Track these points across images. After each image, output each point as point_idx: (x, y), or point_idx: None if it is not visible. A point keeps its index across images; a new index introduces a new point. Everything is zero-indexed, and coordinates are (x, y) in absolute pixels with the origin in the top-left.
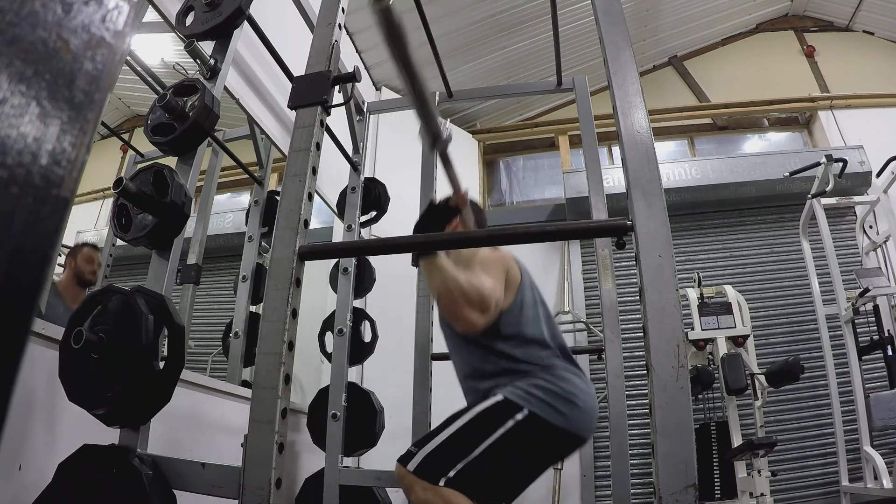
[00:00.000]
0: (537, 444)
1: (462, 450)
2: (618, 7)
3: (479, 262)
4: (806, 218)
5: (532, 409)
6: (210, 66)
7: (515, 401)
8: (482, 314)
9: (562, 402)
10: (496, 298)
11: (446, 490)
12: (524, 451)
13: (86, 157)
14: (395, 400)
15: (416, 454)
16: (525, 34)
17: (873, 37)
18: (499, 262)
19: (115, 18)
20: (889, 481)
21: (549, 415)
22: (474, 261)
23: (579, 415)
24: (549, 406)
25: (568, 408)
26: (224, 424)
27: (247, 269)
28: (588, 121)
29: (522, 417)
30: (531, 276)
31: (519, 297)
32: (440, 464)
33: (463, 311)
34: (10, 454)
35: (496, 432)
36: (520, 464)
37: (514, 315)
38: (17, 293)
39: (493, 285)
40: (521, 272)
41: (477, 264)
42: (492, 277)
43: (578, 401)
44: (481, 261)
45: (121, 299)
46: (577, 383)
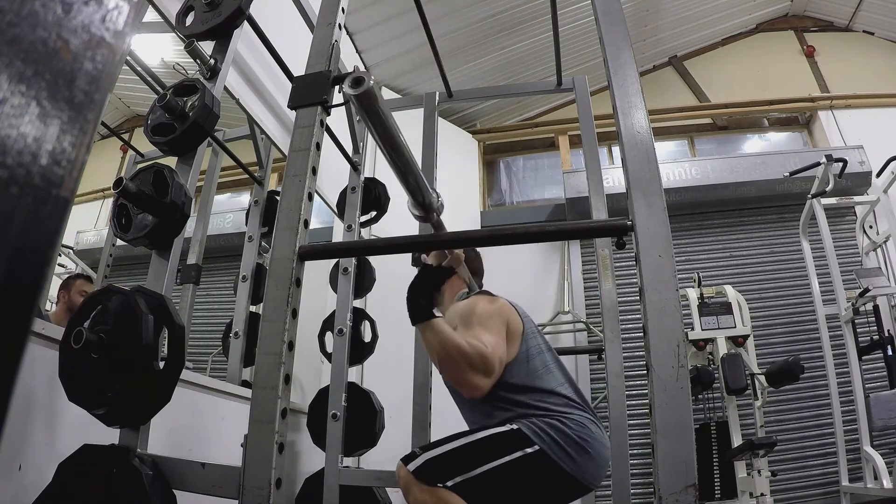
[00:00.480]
0: (539, 483)
1: (465, 464)
2: (618, 7)
3: (478, 318)
4: (806, 218)
5: (543, 448)
6: (210, 66)
7: (529, 435)
8: (487, 377)
9: (575, 447)
10: (499, 356)
11: (443, 491)
12: (524, 484)
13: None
14: (395, 400)
15: (419, 456)
16: (525, 34)
17: (873, 37)
18: (497, 315)
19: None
20: (889, 481)
21: (560, 457)
22: (472, 318)
23: (589, 462)
24: (561, 449)
25: (579, 454)
26: (224, 424)
27: (247, 269)
28: (588, 121)
29: (532, 452)
30: (533, 322)
31: (524, 347)
32: (441, 471)
33: (466, 376)
34: (10, 454)
35: (502, 458)
36: (516, 496)
37: (521, 366)
38: (17, 293)
39: (496, 342)
40: (523, 319)
41: (475, 322)
42: (493, 334)
43: (591, 449)
44: (479, 317)
45: (121, 299)
46: (592, 431)
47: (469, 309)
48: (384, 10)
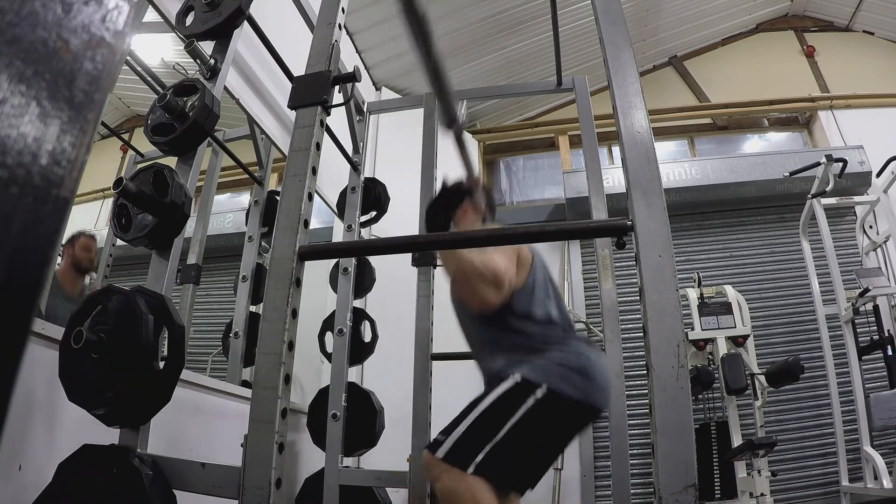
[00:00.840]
0: (557, 419)
1: (487, 433)
2: (618, 7)
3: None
4: (806, 218)
5: (550, 386)
6: (210, 66)
7: (533, 379)
8: (497, 291)
9: (577, 375)
10: (509, 277)
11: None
12: (546, 427)
13: (86, 157)
14: (395, 400)
15: (445, 441)
16: (525, 34)
17: (873, 37)
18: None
19: (115, 18)
20: (889, 481)
21: (567, 389)
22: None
23: (595, 387)
24: (566, 381)
25: (584, 381)
26: (224, 424)
27: (247, 269)
28: (588, 121)
29: (542, 395)
30: (542, 257)
31: (531, 278)
32: (469, 449)
33: (480, 289)
34: (10, 454)
35: (518, 412)
36: (543, 441)
37: (526, 294)
38: (17, 293)
39: (506, 264)
40: (533, 253)
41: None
42: (503, 257)
43: (593, 373)
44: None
45: (121, 299)
46: (590, 356)
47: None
48: (384, 10)
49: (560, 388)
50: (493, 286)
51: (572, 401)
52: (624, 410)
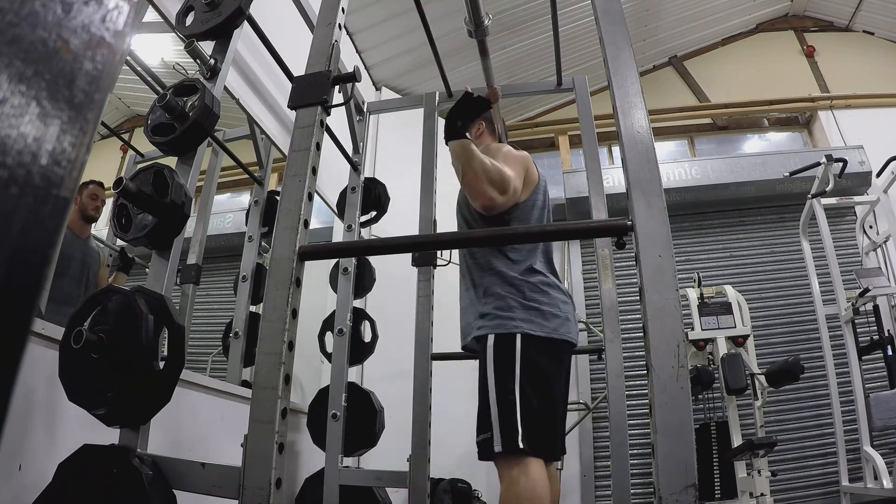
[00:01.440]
0: (542, 356)
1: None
2: (618, 7)
3: (503, 155)
4: (806, 218)
5: (521, 331)
6: (210, 66)
7: (505, 332)
8: (500, 193)
9: (542, 316)
10: (514, 185)
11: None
12: (539, 368)
13: (86, 157)
14: (395, 400)
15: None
16: (525, 34)
17: (873, 37)
18: (520, 160)
19: (115, 18)
20: (889, 481)
21: (537, 329)
22: (498, 154)
23: (562, 323)
24: (533, 322)
25: (549, 320)
26: (224, 424)
27: (247, 269)
28: (588, 121)
29: (520, 341)
30: (546, 181)
31: (533, 197)
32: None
33: (484, 186)
34: (10, 454)
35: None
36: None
37: (525, 212)
38: (17, 293)
39: (513, 174)
40: (539, 174)
41: (500, 157)
42: (512, 168)
43: (558, 311)
44: (504, 154)
45: (121, 299)
46: (553, 296)
47: (496, 148)
48: (384, 10)
49: (530, 330)
50: (497, 187)
51: (545, 339)
52: (624, 410)
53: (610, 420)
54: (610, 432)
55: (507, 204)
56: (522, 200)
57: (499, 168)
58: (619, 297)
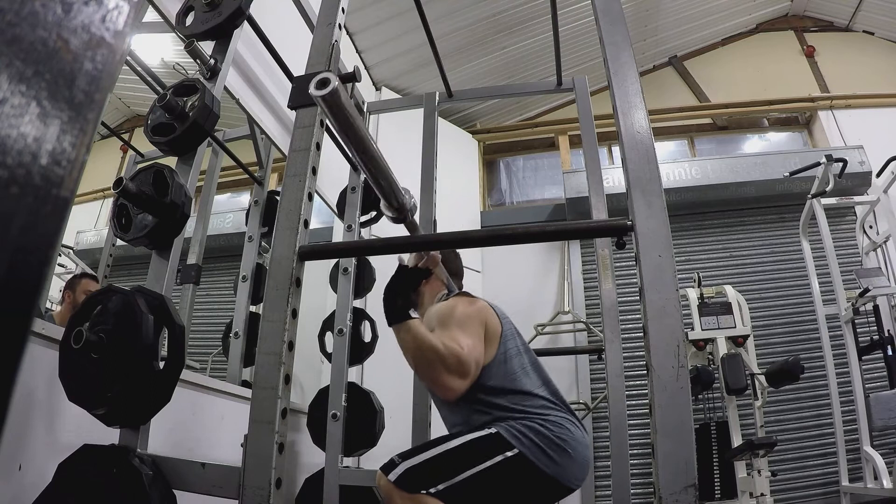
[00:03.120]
0: (520, 486)
1: (446, 471)
2: (618, 7)
3: (456, 320)
4: (806, 218)
5: (522, 451)
6: (210, 66)
7: (508, 438)
8: (462, 379)
9: (555, 448)
10: (475, 358)
11: (425, 498)
12: (505, 489)
13: (86, 157)
14: (395, 400)
15: (399, 465)
16: (525, 34)
17: (873, 37)
18: (475, 317)
19: (115, 18)
20: (889, 481)
21: (539, 460)
22: (450, 319)
23: (570, 464)
24: (541, 451)
25: (560, 455)
26: (224, 424)
27: (247, 269)
28: (588, 121)
29: (512, 455)
30: (512, 324)
31: (501, 349)
32: (421, 479)
33: (441, 377)
34: (10, 454)
35: (483, 463)
36: (498, 500)
37: (498, 368)
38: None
39: (472, 344)
40: (501, 321)
41: (453, 324)
42: (470, 336)
43: (571, 449)
44: (457, 318)
45: (121, 299)
46: (572, 431)
47: (447, 310)
48: (384, 10)
49: (532, 458)
50: (456, 372)
51: (541, 474)
52: (624, 410)
53: (610, 420)
54: (610, 432)
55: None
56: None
57: (453, 350)
58: (619, 297)
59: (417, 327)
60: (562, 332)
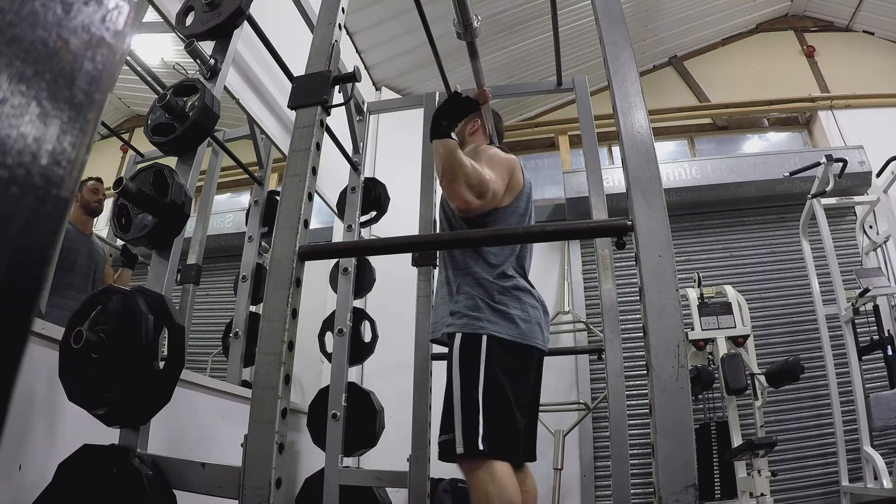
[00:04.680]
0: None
1: (474, 407)
2: (618, 7)
3: (488, 158)
4: (806, 218)
5: (487, 332)
6: (210, 66)
7: (472, 332)
8: (477, 197)
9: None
10: (494, 189)
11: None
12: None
13: (86, 157)
14: (395, 400)
15: (456, 438)
16: (525, 34)
17: (873, 37)
18: (505, 163)
19: (115, 18)
20: (889, 481)
21: (503, 331)
22: (483, 155)
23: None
24: (500, 325)
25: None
26: (224, 424)
27: (247, 269)
28: (588, 121)
29: (485, 342)
30: (531, 188)
31: (515, 203)
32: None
33: (461, 188)
34: (10, 454)
35: (479, 370)
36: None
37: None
38: (17, 293)
39: (495, 178)
40: (525, 180)
41: (484, 159)
42: (494, 172)
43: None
44: (489, 157)
45: (121, 299)
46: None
47: (483, 150)
48: (384, 10)
49: (496, 332)
50: (475, 190)
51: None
52: (624, 410)
53: (610, 420)
54: (610, 432)
55: (485, 207)
56: (504, 205)
57: (478, 171)
58: (619, 297)
59: (454, 145)
60: (562, 332)
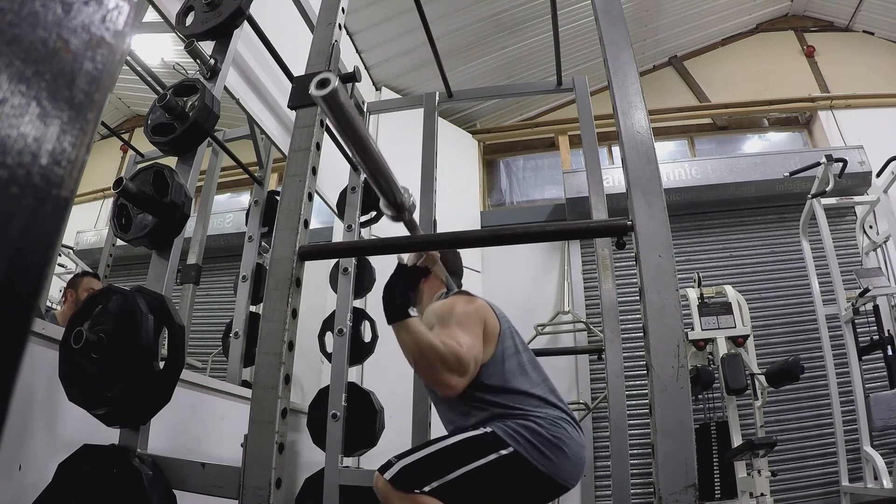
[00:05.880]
0: (515, 484)
1: (441, 469)
2: (618, 7)
3: (455, 318)
4: (806, 218)
5: (517, 449)
6: (210, 66)
7: (503, 437)
8: (461, 376)
9: (549, 446)
10: (474, 356)
11: (422, 497)
12: (500, 486)
13: (86, 157)
14: (395, 400)
15: (395, 464)
16: (525, 34)
17: (873, 37)
18: (474, 315)
19: (115, 18)
20: (889, 481)
21: (534, 457)
22: (449, 318)
23: (565, 462)
24: (536, 449)
25: (554, 453)
26: (224, 424)
27: (247, 269)
28: (588, 121)
29: (507, 454)
30: (510, 322)
31: (499, 348)
32: (417, 477)
33: (441, 375)
34: (10, 454)
35: (478, 461)
36: (493, 498)
37: (496, 366)
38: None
39: (471, 342)
40: (500, 320)
41: (452, 322)
42: (469, 334)
43: (566, 447)
44: (456, 317)
45: (121, 299)
46: (568, 430)
47: (446, 309)
48: (384, 10)
49: (527, 456)
50: (456, 370)
51: (536, 472)
52: (624, 410)
53: (610, 420)
54: (610, 432)
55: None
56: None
57: (452, 348)
58: (619, 297)
59: (417, 325)
60: (562, 332)
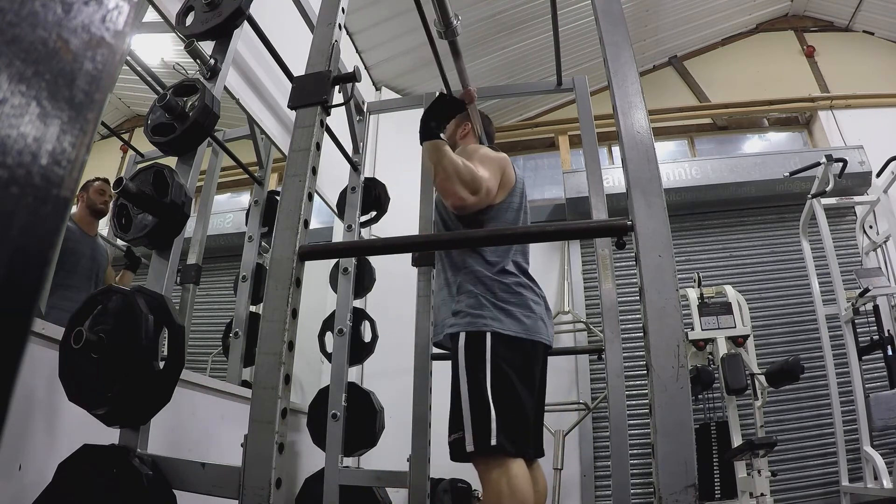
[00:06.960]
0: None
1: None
2: (618, 7)
3: (479, 156)
4: (806, 218)
5: (491, 329)
6: (210, 66)
7: (475, 330)
8: (472, 193)
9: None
10: (487, 186)
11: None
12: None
13: (86, 157)
14: (395, 400)
15: (466, 436)
16: (525, 34)
17: (873, 37)
18: (496, 161)
19: (115, 18)
20: (889, 481)
21: (507, 328)
22: (474, 154)
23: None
24: (503, 321)
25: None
26: (224, 424)
27: (247, 269)
28: (588, 121)
29: (490, 340)
30: (525, 187)
31: (509, 199)
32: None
33: (454, 186)
34: (10, 454)
35: (486, 367)
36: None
37: (500, 213)
38: (17, 293)
39: (488, 176)
40: (517, 176)
41: (476, 158)
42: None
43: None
44: (480, 156)
45: (121, 299)
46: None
47: (473, 149)
48: (384, 10)
49: (500, 329)
50: (469, 187)
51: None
52: (624, 410)
53: (610, 420)
54: (610, 432)
55: (480, 204)
56: (498, 202)
57: (470, 168)
58: (619, 297)
59: (444, 146)
60: (562, 332)
